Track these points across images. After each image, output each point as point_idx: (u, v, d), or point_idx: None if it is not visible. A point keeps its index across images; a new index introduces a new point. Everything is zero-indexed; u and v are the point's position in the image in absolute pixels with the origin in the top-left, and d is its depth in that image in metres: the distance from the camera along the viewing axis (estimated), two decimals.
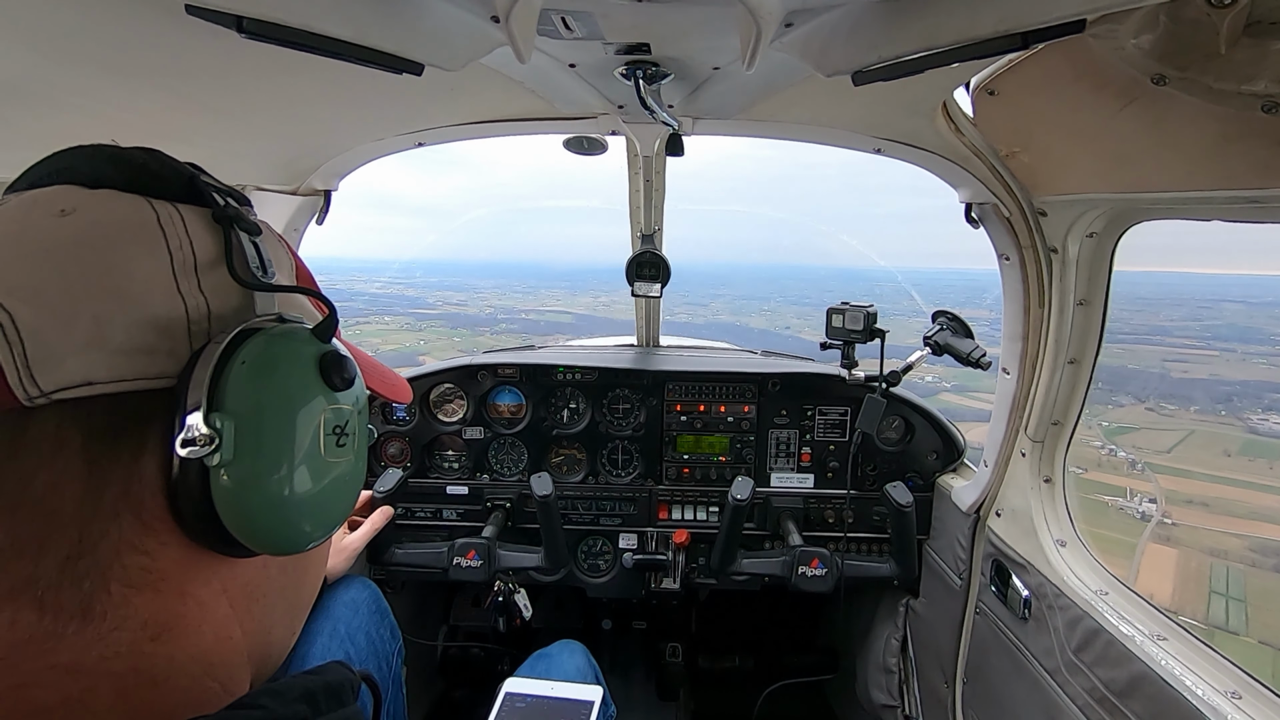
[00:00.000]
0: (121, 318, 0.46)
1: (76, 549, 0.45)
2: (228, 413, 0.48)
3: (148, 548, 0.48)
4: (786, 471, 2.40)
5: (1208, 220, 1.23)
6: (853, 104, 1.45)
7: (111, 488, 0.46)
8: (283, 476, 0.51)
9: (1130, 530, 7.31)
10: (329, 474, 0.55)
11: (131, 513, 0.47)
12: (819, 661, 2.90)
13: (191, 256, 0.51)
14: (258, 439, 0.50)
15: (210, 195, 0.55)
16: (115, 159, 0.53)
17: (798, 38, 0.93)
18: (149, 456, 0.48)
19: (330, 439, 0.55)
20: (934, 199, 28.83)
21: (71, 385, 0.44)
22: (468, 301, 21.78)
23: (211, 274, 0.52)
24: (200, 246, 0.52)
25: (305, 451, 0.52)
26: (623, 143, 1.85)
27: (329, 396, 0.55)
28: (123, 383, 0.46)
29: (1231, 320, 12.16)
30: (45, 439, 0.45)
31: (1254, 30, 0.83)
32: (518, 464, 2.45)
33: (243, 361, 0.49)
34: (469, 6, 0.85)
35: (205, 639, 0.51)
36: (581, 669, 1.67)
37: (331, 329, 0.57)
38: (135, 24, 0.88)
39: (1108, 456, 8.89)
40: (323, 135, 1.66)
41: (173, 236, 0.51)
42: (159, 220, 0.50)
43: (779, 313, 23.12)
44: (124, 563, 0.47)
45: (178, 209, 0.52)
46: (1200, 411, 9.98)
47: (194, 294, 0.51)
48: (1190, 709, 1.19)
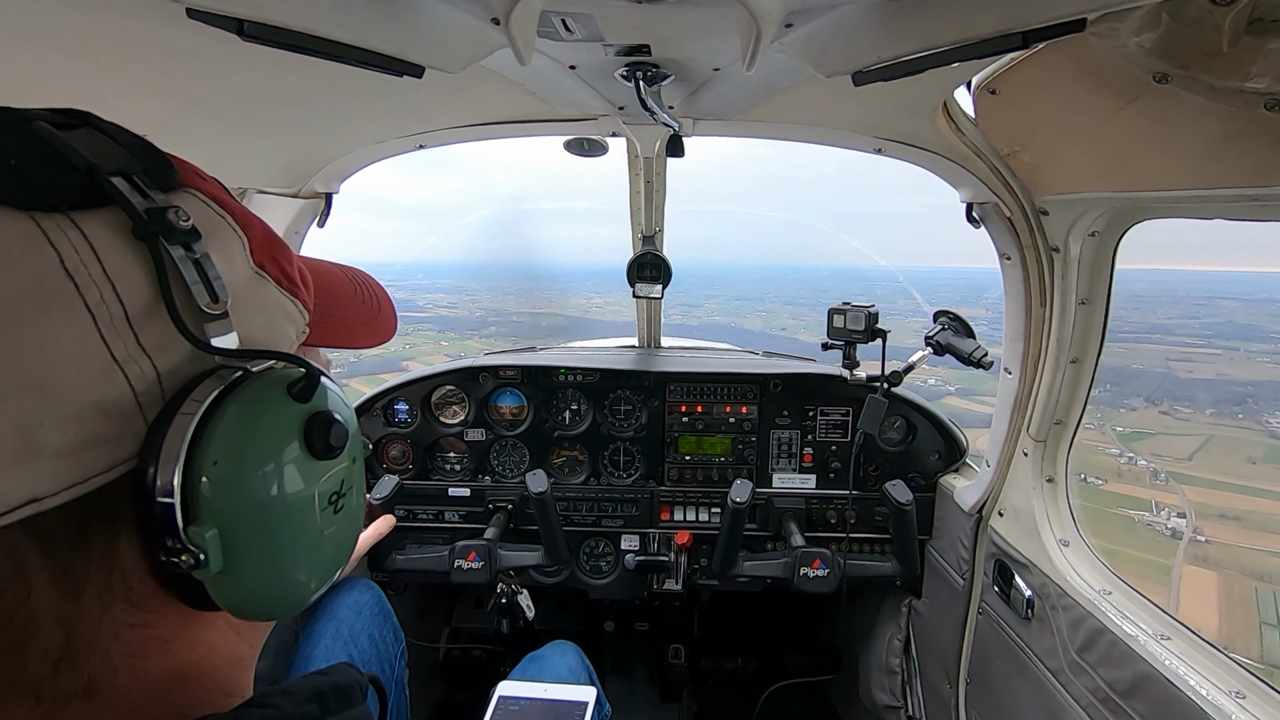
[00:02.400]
0: (51, 416, 0.37)
1: (66, 649, 0.42)
2: (208, 522, 0.42)
3: (146, 621, 0.45)
4: (788, 472, 2.40)
5: (1210, 219, 1.23)
6: (853, 104, 1.45)
7: (90, 587, 0.42)
8: (282, 566, 0.48)
9: (1162, 549, 6.82)
10: (329, 541, 0.51)
11: (121, 600, 0.44)
12: (821, 662, 2.90)
13: (119, 306, 0.40)
14: (247, 542, 0.45)
15: (124, 198, 0.41)
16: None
17: (798, 38, 0.93)
18: (124, 544, 0.43)
19: (327, 510, 0.50)
20: (932, 197, 28.58)
21: (15, 507, 0.37)
22: (458, 304, 21.76)
23: (149, 322, 0.42)
24: (126, 287, 0.40)
25: (304, 532, 0.49)
26: (623, 144, 1.85)
27: (321, 467, 0.49)
28: (75, 488, 0.39)
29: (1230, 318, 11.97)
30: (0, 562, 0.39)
31: (1256, 28, 0.83)
32: (519, 466, 2.45)
33: (215, 462, 0.43)
34: (469, 9, 0.85)
35: (220, 671, 0.50)
36: (574, 669, 1.66)
37: (312, 388, 0.49)
38: (136, 27, 0.88)
39: (1127, 465, 8.44)
40: (324, 138, 1.66)
41: (87, 285, 0.39)
42: (63, 263, 0.38)
43: (774, 313, 23.04)
44: (124, 639, 0.44)
45: (81, 231, 0.39)
46: (1217, 415, 9.58)
47: (134, 358, 0.41)
48: (1194, 709, 1.18)
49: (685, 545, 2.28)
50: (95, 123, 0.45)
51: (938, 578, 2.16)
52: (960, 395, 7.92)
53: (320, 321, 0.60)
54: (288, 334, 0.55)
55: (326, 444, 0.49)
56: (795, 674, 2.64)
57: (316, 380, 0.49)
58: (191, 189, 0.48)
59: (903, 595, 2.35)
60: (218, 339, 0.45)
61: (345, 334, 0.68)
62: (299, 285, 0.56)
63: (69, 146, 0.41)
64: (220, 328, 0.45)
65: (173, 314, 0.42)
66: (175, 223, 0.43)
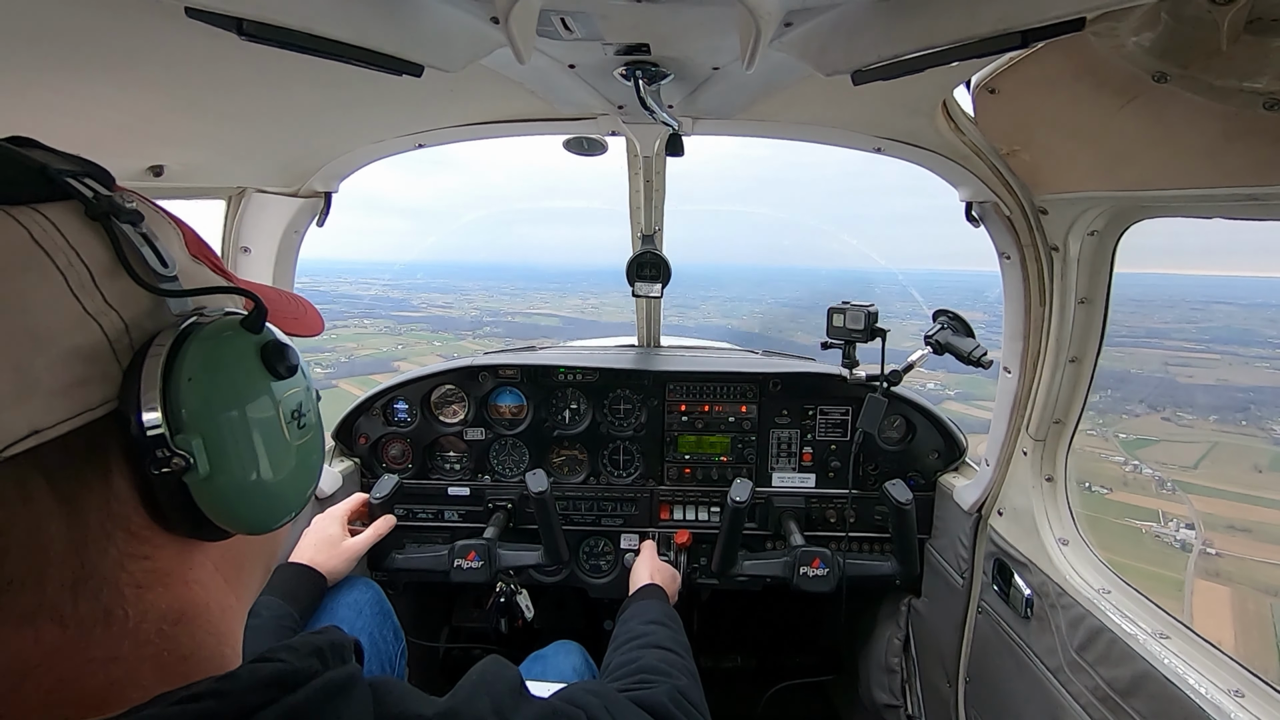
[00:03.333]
0: (41, 359, 0.44)
1: (81, 573, 0.47)
2: (193, 431, 0.49)
3: (146, 553, 0.50)
4: (788, 471, 2.40)
5: (1209, 218, 1.23)
6: (852, 103, 1.45)
7: (92, 514, 0.47)
8: (260, 472, 0.54)
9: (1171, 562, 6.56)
10: (298, 454, 0.59)
11: (121, 529, 0.49)
12: (821, 661, 2.90)
13: (85, 269, 0.47)
14: (229, 447, 0.52)
15: (73, 187, 0.49)
16: None
17: (797, 37, 0.93)
18: (117, 477, 0.48)
19: (292, 424, 0.58)
20: (930, 200, 28.73)
21: (18, 439, 0.43)
22: (453, 304, 21.61)
23: (113, 282, 0.49)
24: (89, 254, 0.48)
25: (275, 443, 0.56)
26: (622, 143, 1.84)
27: (280, 385, 0.57)
28: (69, 421, 0.45)
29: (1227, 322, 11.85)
30: (10, 492, 0.44)
31: (1255, 27, 0.83)
32: (519, 465, 2.45)
33: (189, 378, 0.49)
34: (468, 8, 0.85)
35: (213, 613, 0.56)
36: (578, 669, 1.67)
37: (261, 318, 0.56)
38: (135, 26, 0.88)
39: (1133, 474, 8.26)
40: (323, 137, 1.66)
41: (56, 252, 0.46)
42: (32, 236, 0.45)
43: (772, 315, 22.97)
44: (129, 570, 0.49)
45: (43, 214, 0.47)
46: (1220, 421, 9.40)
47: (104, 311, 0.48)
48: (1193, 707, 1.18)
49: (685, 545, 2.28)
50: (41, 145, 0.53)
51: (937, 577, 2.17)
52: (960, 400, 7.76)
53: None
54: (227, 309, 0.61)
55: (284, 364, 0.56)
56: (795, 674, 2.64)
57: (265, 312, 0.56)
58: (126, 191, 0.55)
59: (902, 594, 2.36)
60: (171, 300, 0.52)
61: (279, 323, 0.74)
62: (230, 277, 0.64)
63: (21, 153, 0.49)
64: (173, 287, 0.53)
65: (130, 271, 0.49)
66: (121, 204, 0.50)
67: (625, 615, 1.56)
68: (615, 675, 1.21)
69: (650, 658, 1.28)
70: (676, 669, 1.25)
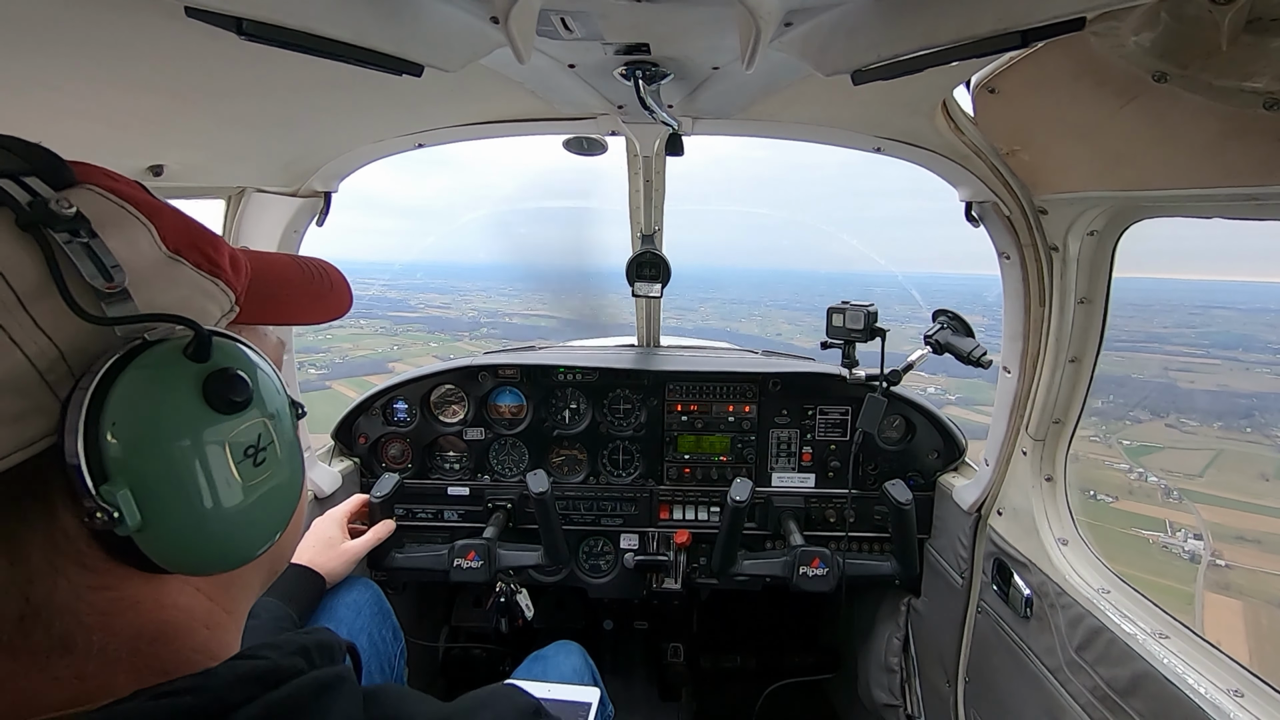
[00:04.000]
0: None
1: (26, 608, 0.44)
2: (118, 481, 0.44)
3: (106, 584, 0.48)
4: (787, 471, 2.40)
5: (1208, 218, 1.23)
6: (852, 103, 1.45)
7: (36, 551, 0.45)
8: (205, 519, 0.49)
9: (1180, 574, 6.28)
10: (255, 493, 0.53)
11: (73, 564, 0.46)
12: (820, 661, 2.90)
13: (10, 292, 0.42)
14: (162, 496, 0.47)
15: (4, 194, 0.44)
16: None
17: (797, 37, 0.93)
18: (63, 512, 0.45)
19: (245, 463, 0.52)
20: (929, 202, 28.65)
21: None
22: (451, 305, 21.51)
23: (43, 302, 0.44)
24: (15, 274, 0.43)
25: (219, 487, 0.50)
26: (622, 143, 1.84)
27: (226, 422, 0.50)
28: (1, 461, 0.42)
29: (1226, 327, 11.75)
30: None
31: (1255, 27, 0.83)
32: (519, 465, 2.45)
33: (113, 421, 0.44)
34: (468, 8, 0.85)
35: (198, 633, 0.53)
36: (578, 669, 1.67)
37: (205, 347, 0.50)
38: (134, 26, 0.88)
39: (1138, 482, 8.03)
40: (322, 137, 1.66)
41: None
42: None
43: (770, 318, 22.90)
44: (88, 600, 0.47)
45: None
46: (1224, 428, 9.16)
47: (32, 337, 0.43)
48: (1192, 707, 1.19)
49: (684, 544, 2.28)
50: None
51: (937, 576, 2.17)
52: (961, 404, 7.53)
53: (262, 299, 0.62)
54: (208, 311, 0.57)
55: (229, 399, 0.50)
56: (794, 673, 2.65)
57: (208, 339, 0.51)
58: (90, 184, 0.50)
59: (901, 594, 2.36)
60: (114, 312, 0.47)
61: (291, 310, 0.71)
62: (222, 268, 0.57)
63: None
64: (120, 307, 0.47)
65: (62, 292, 0.44)
66: (58, 211, 0.45)
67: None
68: None
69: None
70: None
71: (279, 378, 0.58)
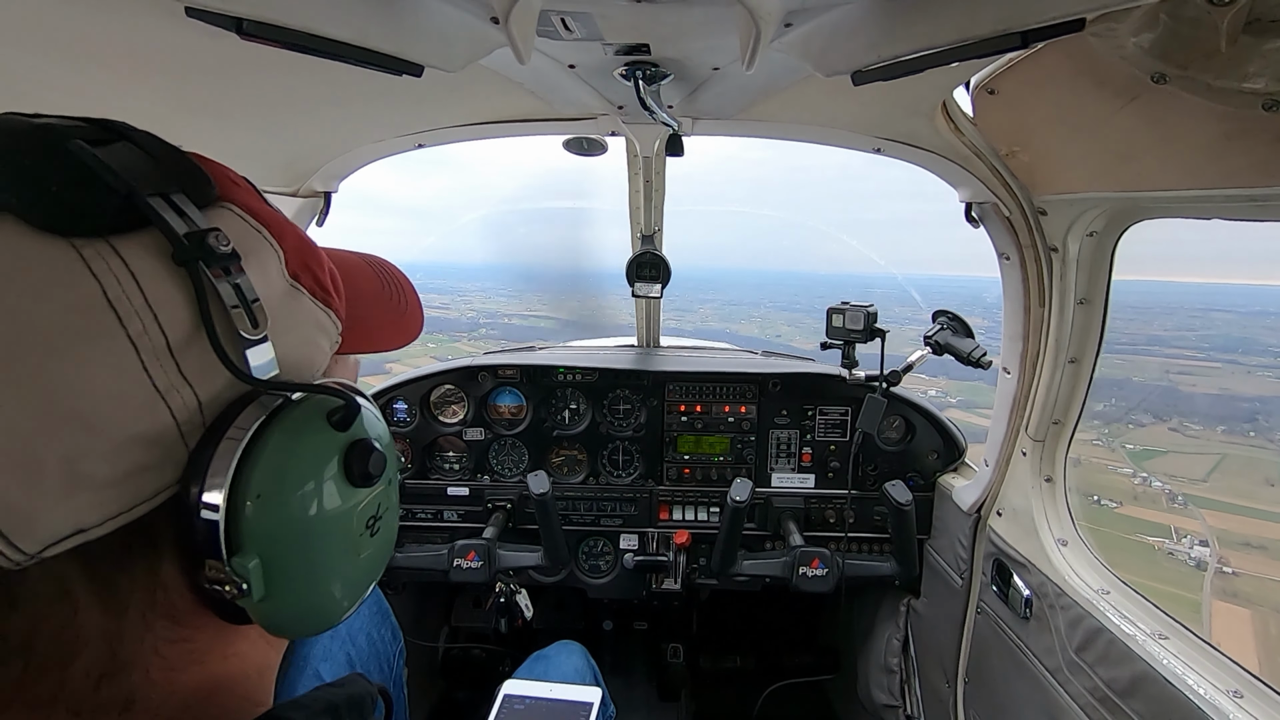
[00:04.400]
0: (97, 449, 0.37)
1: (110, 665, 0.42)
2: (251, 552, 0.43)
3: (186, 636, 0.46)
4: (787, 472, 2.40)
5: (1208, 219, 1.23)
6: (852, 104, 1.45)
7: (134, 605, 0.43)
8: (321, 592, 0.48)
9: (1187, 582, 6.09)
10: (365, 561, 0.51)
11: (164, 618, 0.44)
12: (820, 661, 2.90)
13: (161, 336, 0.39)
14: (290, 572, 0.45)
15: (163, 222, 0.40)
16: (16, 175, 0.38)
17: (797, 38, 0.93)
18: (167, 565, 0.44)
19: (364, 535, 0.50)
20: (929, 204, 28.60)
21: (61, 539, 0.37)
22: (450, 305, 21.47)
23: (190, 350, 0.41)
24: (168, 318, 0.40)
25: (343, 559, 0.49)
26: (622, 143, 1.84)
27: (360, 496, 0.49)
28: (120, 517, 0.40)
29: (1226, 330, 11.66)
30: (44, 589, 0.40)
31: (1254, 28, 0.83)
32: (518, 465, 2.45)
33: (258, 494, 0.43)
34: (469, 8, 0.85)
35: (250, 680, 0.51)
36: (580, 670, 1.67)
37: (351, 418, 0.49)
38: (135, 25, 0.88)
39: (1142, 487, 7.81)
40: (322, 137, 1.66)
41: (129, 316, 0.38)
42: (106, 296, 0.37)
43: (770, 319, 22.84)
44: (163, 654, 0.45)
45: (120, 256, 0.39)
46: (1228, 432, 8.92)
47: (176, 388, 0.41)
48: (1192, 708, 1.19)
49: (684, 545, 2.28)
50: (131, 135, 0.44)
51: (936, 577, 2.17)
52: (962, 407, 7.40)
53: (349, 326, 0.58)
54: (321, 347, 0.54)
55: (365, 471, 0.49)
56: (794, 673, 2.65)
57: (356, 410, 0.49)
58: (228, 203, 0.48)
59: (901, 594, 2.36)
60: (256, 361, 0.44)
61: (373, 337, 0.66)
62: (331, 293, 0.54)
63: (107, 168, 0.40)
64: (259, 352, 0.45)
65: (214, 344, 0.41)
66: (215, 247, 0.42)
67: None
68: None
69: None
70: None
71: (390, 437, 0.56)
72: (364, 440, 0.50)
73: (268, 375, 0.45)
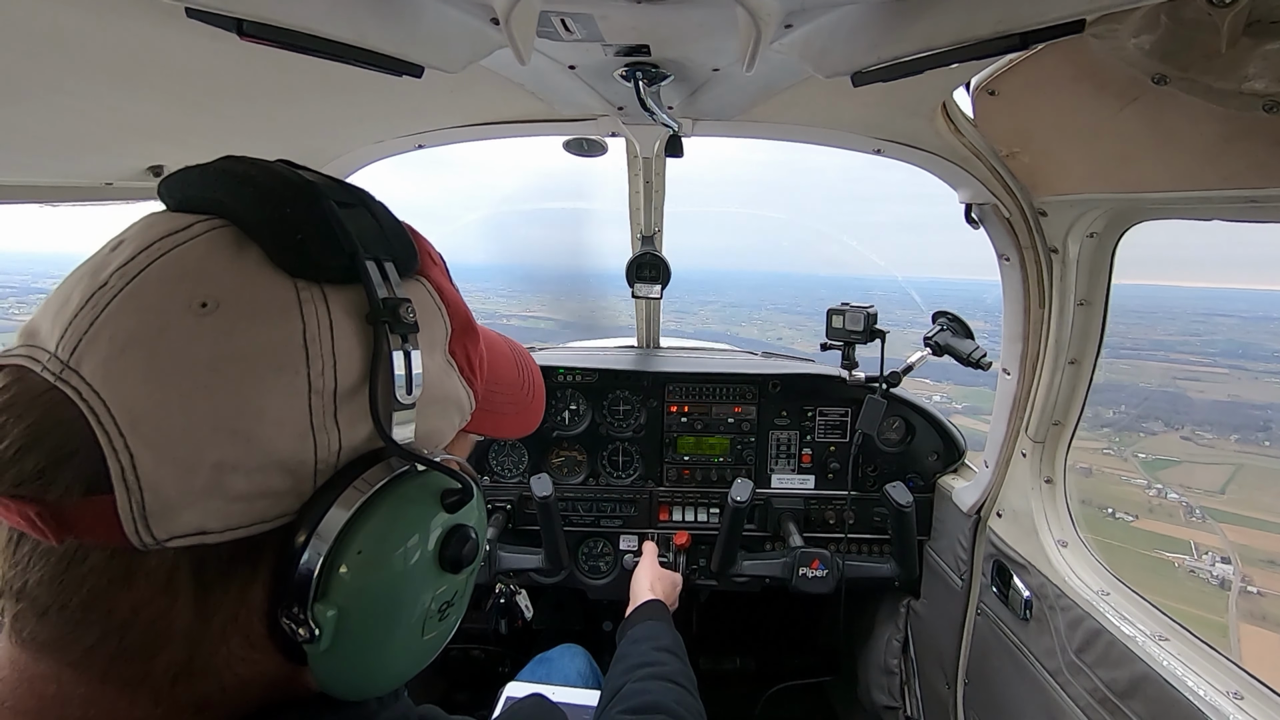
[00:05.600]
0: (245, 464, 0.41)
1: (186, 667, 0.44)
2: (333, 603, 0.44)
3: (257, 658, 0.47)
4: (787, 473, 2.40)
5: (1208, 220, 1.23)
6: (852, 105, 1.45)
7: (220, 615, 0.45)
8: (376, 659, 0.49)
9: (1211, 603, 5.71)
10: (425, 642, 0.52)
11: (240, 635, 0.46)
12: (820, 663, 2.90)
13: (333, 383, 0.44)
14: (355, 632, 0.46)
15: (370, 283, 0.46)
16: (275, 218, 0.45)
17: (797, 39, 0.93)
18: (258, 588, 0.45)
19: (433, 618, 0.51)
20: (930, 206, 28.50)
21: (184, 535, 0.41)
22: None
23: (349, 403, 0.45)
24: (344, 367, 0.45)
25: (407, 633, 0.49)
26: (622, 144, 1.85)
27: (443, 580, 0.50)
28: (238, 530, 0.43)
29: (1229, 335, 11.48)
30: (158, 572, 0.42)
31: (1254, 30, 0.83)
32: (518, 466, 2.45)
33: (359, 550, 0.45)
34: (469, 9, 0.85)
35: (311, 706, 0.52)
36: (583, 672, 1.67)
37: (463, 503, 0.51)
38: (134, 26, 0.88)
39: (1157, 499, 7.50)
40: (322, 138, 1.66)
41: (315, 359, 0.43)
42: (304, 335, 0.43)
43: (770, 321, 22.74)
44: (236, 671, 0.46)
45: (327, 304, 0.44)
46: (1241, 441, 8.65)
47: (327, 429, 0.44)
48: (1192, 709, 1.18)
49: (684, 546, 2.28)
50: (369, 203, 0.51)
51: (936, 578, 2.16)
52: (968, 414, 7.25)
53: (480, 408, 0.61)
54: (453, 422, 0.57)
55: (458, 558, 0.50)
56: (793, 675, 2.64)
57: (470, 498, 0.51)
58: (423, 277, 0.54)
59: (901, 596, 2.36)
60: (399, 427, 0.48)
61: (497, 422, 0.67)
62: (476, 374, 0.58)
63: (344, 230, 0.46)
64: (405, 417, 0.48)
65: (372, 402, 0.45)
66: (403, 316, 0.47)
67: (634, 634, 1.45)
68: (628, 706, 1.15)
69: (665, 695, 1.22)
70: (691, 712, 1.19)
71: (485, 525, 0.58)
72: (466, 528, 0.51)
73: (404, 440, 0.48)
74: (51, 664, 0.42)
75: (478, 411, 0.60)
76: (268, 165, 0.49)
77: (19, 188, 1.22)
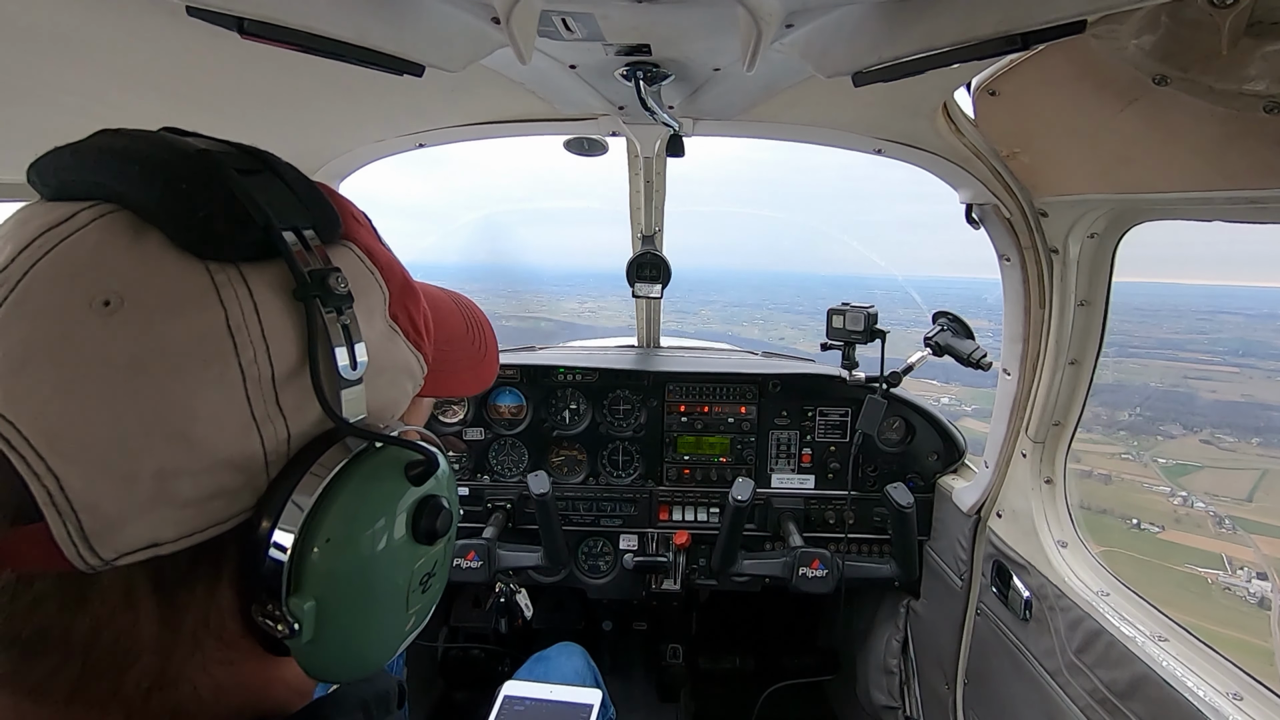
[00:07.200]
0: (190, 467, 0.39)
1: (160, 679, 0.43)
2: (309, 594, 0.43)
3: (233, 659, 0.46)
4: (787, 472, 2.40)
5: (1209, 221, 1.23)
6: (853, 105, 1.45)
7: (188, 621, 0.43)
8: (363, 638, 0.48)
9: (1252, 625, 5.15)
10: (413, 614, 0.51)
11: (214, 638, 0.45)
12: (820, 662, 2.90)
13: (269, 369, 0.41)
14: (338, 619, 0.45)
15: (291, 257, 0.42)
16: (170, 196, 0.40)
17: (798, 39, 0.93)
18: (225, 588, 0.44)
19: (416, 591, 0.50)
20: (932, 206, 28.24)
21: (135, 550, 0.38)
22: None
23: (290, 386, 0.42)
24: (278, 351, 0.41)
25: (392, 613, 0.49)
26: (623, 144, 1.84)
27: (421, 553, 0.49)
28: (194, 536, 0.40)
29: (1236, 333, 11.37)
30: (113, 590, 0.40)
31: (1255, 30, 0.83)
32: (518, 465, 2.45)
33: (328, 538, 0.43)
34: (470, 8, 0.85)
35: (293, 703, 0.51)
36: (580, 671, 1.67)
37: (429, 474, 0.49)
38: (136, 25, 0.88)
39: (1183, 508, 6.92)
40: (323, 136, 1.66)
41: (245, 346, 0.40)
42: (228, 322, 0.39)
43: (772, 321, 22.69)
44: (211, 673, 0.45)
45: (248, 287, 0.41)
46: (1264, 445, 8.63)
47: (271, 419, 0.42)
48: (1192, 710, 1.18)
49: (684, 545, 2.28)
50: (276, 166, 0.47)
51: (936, 578, 2.17)
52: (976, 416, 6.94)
53: (432, 369, 0.58)
54: (406, 390, 0.55)
55: (432, 529, 0.49)
56: (793, 674, 2.64)
57: (435, 467, 0.50)
58: (350, 242, 0.50)
59: (901, 596, 2.36)
60: (349, 404, 0.45)
61: (451, 381, 0.65)
62: (423, 335, 0.55)
63: (253, 201, 0.42)
64: (353, 393, 0.46)
65: (315, 383, 0.43)
66: (334, 288, 0.44)
67: None
68: None
69: None
70: None
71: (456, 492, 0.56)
72: (436, 498, 0.50)
73: (357, 417, 0.46)
74: (8, 696, 0.40)
75: (430, 374, 0.57)
76: (151, 135, 0.43)
77: (20, 186, 1.23)
